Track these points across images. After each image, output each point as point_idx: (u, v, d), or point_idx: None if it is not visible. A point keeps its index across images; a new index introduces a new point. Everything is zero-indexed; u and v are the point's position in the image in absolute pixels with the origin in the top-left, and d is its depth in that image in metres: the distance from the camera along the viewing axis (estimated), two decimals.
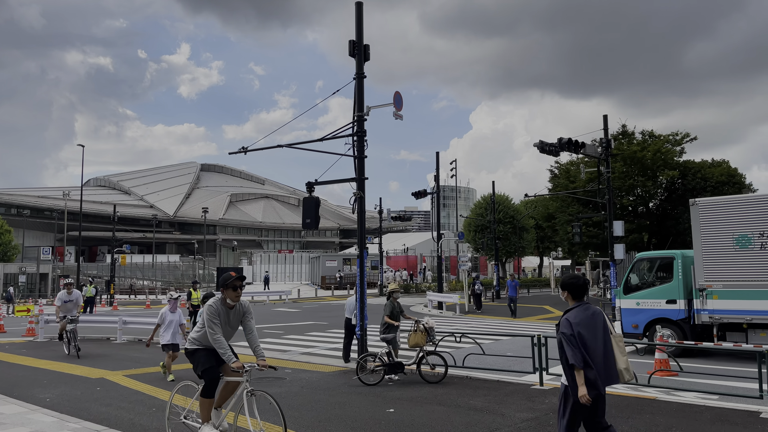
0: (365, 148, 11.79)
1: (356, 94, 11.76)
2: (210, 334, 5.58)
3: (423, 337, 9.79)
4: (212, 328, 5.59)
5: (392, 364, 9.88)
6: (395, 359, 9.99)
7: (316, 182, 12.29)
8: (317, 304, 34.32)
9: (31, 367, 12.02)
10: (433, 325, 9.99)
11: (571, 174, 32.06)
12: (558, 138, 18.20)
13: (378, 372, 9.85)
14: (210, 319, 5.62)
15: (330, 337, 17.27)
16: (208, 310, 5.66)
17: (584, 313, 4.60)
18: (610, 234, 20.37)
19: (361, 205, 11.58)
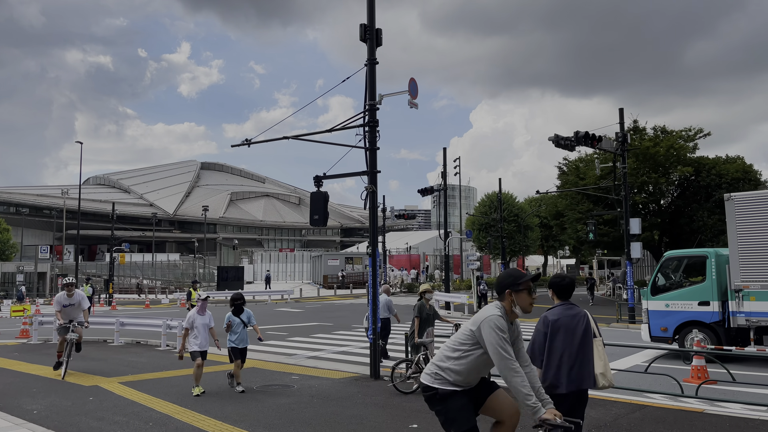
0: (377, 140, 11.01)
1: (368, 82, 10.98)
2: (507, 369, 3.61)
3: None
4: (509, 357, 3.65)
5: None
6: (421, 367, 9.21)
7: (325, 176, 11.52)
8: (320, 304, 33.59)
9: (21, 373, 11.26)
10: None
11: (580, 171, 31.29)
12: (574, 131, 17.43)
13: (415, 379, 9.14)
14: (501, 342, 3.68)
15: (336, 339, 16.52)
16: (494, 325, 3.70)
17: (565, 313, 4.58)
18: (627, 232, 19.61)
19: (373, 199, 10.82)
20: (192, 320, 9.27)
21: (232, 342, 9.42)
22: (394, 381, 9.28)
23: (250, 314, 9.67)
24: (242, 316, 9.50)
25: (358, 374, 11.01)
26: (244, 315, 9.53)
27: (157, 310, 31.30)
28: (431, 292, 10.13)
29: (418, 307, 9.82)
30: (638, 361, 11.91)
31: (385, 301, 12.45)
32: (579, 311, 4.65)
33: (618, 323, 19.62)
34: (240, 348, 9.50)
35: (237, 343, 9.46)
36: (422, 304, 9.91)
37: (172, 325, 15.16)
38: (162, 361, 12.85)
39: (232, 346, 9.44)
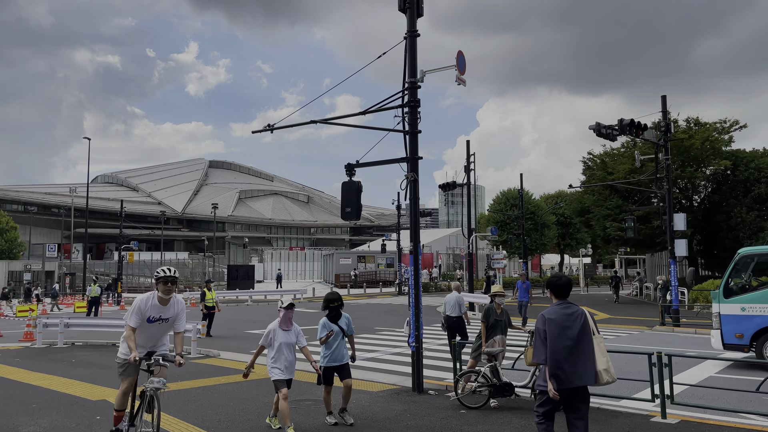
0: (418, 122, 9.78)
1: (407, 57, 9.76)
2: None
3: None
4: None
5: (500, 385, 7.87)
6: (502, 378, 7.99)
7: (358, 164, 10.30)
8: None
9: (21, 384, 10.11)
10: None
11: (607, 166, 29.90)
12: (618, 119, 16.13)
13: (481, 393, 7.98)
14: None
15: (362, 345, 15.29)
16: None
17: (562, 311, 4.78)
18: (670, 228, 18.29)
19: (414, 189, 9.59)
20: (271, 337, 6.69)
21: (326, 359, 7.06)
22: (458, 394, 8.13)
23: (350, 321, 7.35)
24: (341, 322, 7.16)
25: (397, 386, 9.81)
26: (342, 321, 7.17)
27: None
28: (503, 296, 8.85)
29: (486, 311, 8.60)
30: (709, 372, 10.63)
31: (456, 299, 11.81)
32: (576, 310, 4.85)
33: (662, 326, 18.30)
34: (338, 366, 7.03)
35: (333, 360, 7.02)
36: (491, 308, 8.67)
37: (186, 328, 13.97)
38: (176, 368, 11.61)
39: (327, 365, 7.03)
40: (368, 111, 10.37)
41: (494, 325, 8.58)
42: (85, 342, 15.92)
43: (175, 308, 6.05)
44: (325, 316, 7.24)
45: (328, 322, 7.19)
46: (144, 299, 5.91)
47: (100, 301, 24.00)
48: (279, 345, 6.71)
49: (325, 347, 7.15)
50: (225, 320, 20.71)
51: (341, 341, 7.18)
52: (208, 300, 17.50)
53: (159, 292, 5.92)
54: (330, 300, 7.29)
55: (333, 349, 7.11)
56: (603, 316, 22.98)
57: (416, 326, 9.34)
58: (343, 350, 7.17)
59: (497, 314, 8.72)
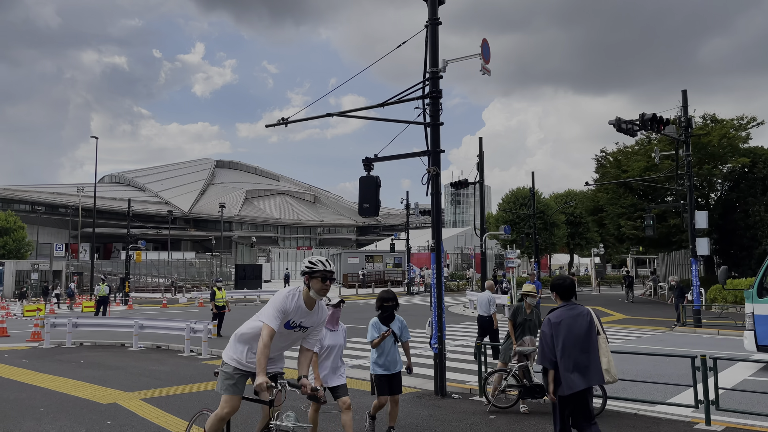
0: (440, 113, 9.38)
1: (428, 46, 9.37)
2: None
3: None
4: None
5: (531, 386, 7.48)
6: (533, 379, 7.59)
7: (377, 158, 9.91)
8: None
9: (29, 386, 9.78)
10: None
11: (622, 164, 29.39)
12: (640, 114, 15.68)
13: (510, 394, 7.65)
14: None
15: None
16: None
17: (568, 313, 4.78)
18: (692, 226, 17.80)
19: (436, 184, 9.19)
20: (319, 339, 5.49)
21: (378, 366, 6.15)
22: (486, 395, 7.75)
23: (405, 324, 6.40)
24: (393, 325, 6.23)
25: (417, 389, 9.40)
26: (395, 324, 6.26)
27: (175, 309, 29.98)
28: (534, 296, 8.44)
29: (514, 310, 8.20)
30: (743, 374, 10.18)
31: (488, 299, 11.64)
32: (582, 310, 4.85)
33: (683, 327, 17.81)
34: (390, 375, 6.14)
35: (387, 367, 6.12)
36: (520, 307, 8.28)
37: (196, 328, 13.66)
38: (188, 370, 11.34)
39: (379, 373, 6.14)
40: (387, 103, 9.98)
41: (522, 324, 8.17)
42: (93, 342, 15.62)
43: (318, 316, 4.49)
44: (377, 316, 6.31)
45: (380, 323, 6.25)
46: (290, 295, 4.32)
47: (109, 301, 23.72)
48: (328, 348, 5.73)
49: (375, 352, 6.16)
50: (234, 320, 20.33)
51: (394, 347, 6.22)
52: (218, 299, 17.16)
53: (312, 291, 4.31)
54: (384, 299, 6.23)
55: (387, 355, 6.12)
56: (619, 317, 22.50)
57: (439, 327, 8.94)
58: (397, 356, 6.23)
59: (526, 314, 8.33)
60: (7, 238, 56.69)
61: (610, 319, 21.41)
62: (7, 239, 56.65)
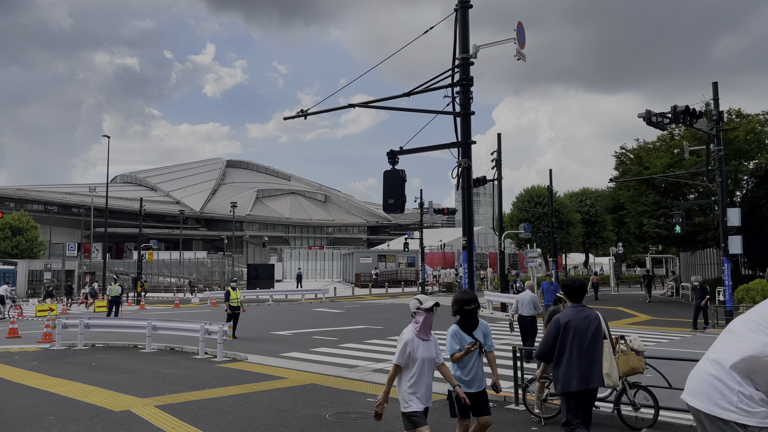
0: (470, 102, 8.82)
1: (458, 31, 8.81)
2: None
3: (640, 360, 6.67)
4: None
5: None
6: None
7: (402, 150, 9.39)
8: (358, 303, 31.51)
9: (38, 391, 9.33)
10: (641, 346, 6.83)
11: (643, 160, 28.59)
12: (672, 106, 14.99)
13: (553, 403, 7.14)
14: None
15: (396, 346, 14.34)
16: None
17: (576, 315, 4.93)
18: (723, 224, 17.08)
19: (468, 177, 8.63)
20: (410, 352, 4.63)
21: (460, 383, 5.03)
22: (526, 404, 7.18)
23: (488, 330, 5.25)
24: (477, 333, 5.08)
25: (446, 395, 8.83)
26: (479, 332, 5.09)
27: (188, 310, 29.63)
28: None
29: (550, 314, 7.63)
30: None
31: (531, 298, 11.44)
32: (590, 313, 4.95)
33: (714, 329, 17.09)
34: (475, 393, 5.04)
35: (471, 384, 5.05)
36: (557, 312, 7.71)
37: (211, 330, 13.17)
38: (203, 374, 10.85)
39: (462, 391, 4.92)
40: (413, 92, 9.44)
41: None
42: (106, 344, 15.21)
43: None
44: (456, 323, 5.12)
45: (461, 331, 5.06)
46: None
47: (121, 301, 23.36)
48: (420, 362, 4.62)
49: (455, 366, 5.07)
50: (248, 321, 19.91)
51: (479, 359, 5.09)
52: (233, 300, 16.68)
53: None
54: (464, 300, 5.04)
55: (469, 370, 5.03)
56: (644, 318, 21.77)
57: None
58: (481, 372, 5.11)
59: None
60: (20, 238, 56.86)
61: (635, 321, 20.69)
62: (20, 239, 56.82)
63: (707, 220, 25.83)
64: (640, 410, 6.78)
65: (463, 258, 8.80)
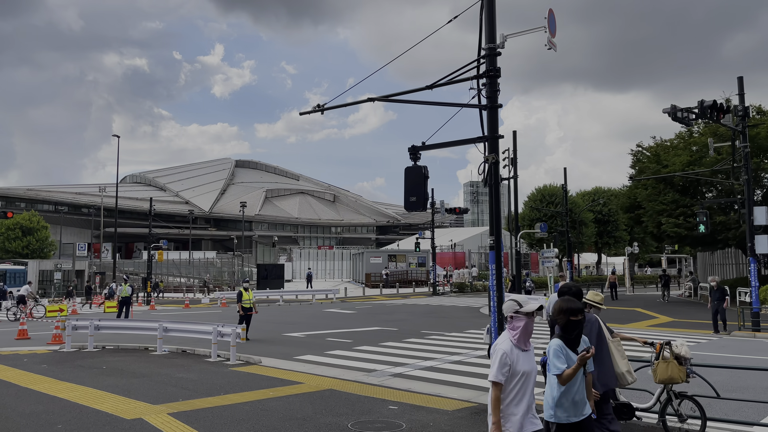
0: (498, 94, 8.37)
1: (484, 19, 8.37)
2: None
3: (680, 371, 6.18)
4: None
5: (617, 405, 6.39)
6: (619, 397, 6.46)
7: (424, 146, 8.95)
8: (370, 304, 31.12)
9: (47, 396, 9.00)
10: (688, 353, 6.34)
11: (661, 158, 27.97)
12: (698, 101, 14.48)
13: None
14: None
15: (413, 350, 13.94)
16: None
17: None
18: (750, 223, 16.51)
19: (495, 174, 8.18)
20: (510, 362, 3.79)
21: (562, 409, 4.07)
22: None
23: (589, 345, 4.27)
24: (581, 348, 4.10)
25: (473, 403, 8.43)
26: (582, 346, 4.16)
27: (198, 310, 29.37)
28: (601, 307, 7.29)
29: None
30: None
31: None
32: (589, 317, 5.17)
33: (739, 331, 16.53)
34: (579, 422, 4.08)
35: (575, 410, 4.09)
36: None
37: (224, 332, 12.81)
38: (216, 378, 10.49)
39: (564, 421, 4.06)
40: (436, 84, 9.00)
41: None
42: (116, 345, 14.90)
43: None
44: (558, 336, 4.12)
45: (566, 347, 4.07)
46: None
47: (131, 302, 23.09)
48: (521, 378, 3.79)
49: (557, 389, 4.05)
50: (259, 322, 19.57)
51: (583, 380, 4.15)
52: (245, 301, 16.33)
53: None
54: (571, 310, 4.07)
55: (574, 393, 4.06)
56: (665, 320, 21.21)
57: (499, 334, 7.91)
58: (584, 395, 4.17)
59: None
60: (31, 238, 56.98)
61: (655, 323, 20.13)
62: (30, 239, 56.94)
63: (728, 219, 25.21)
64: (687, 422, 6.31)
65: (491, 258, 8.35)
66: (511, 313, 3.91)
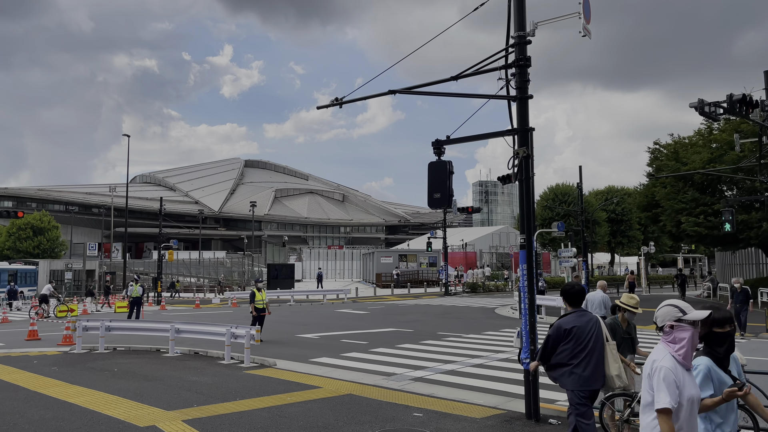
0: (528, 84, 7.94)
1: (513, 6, 7.95)
2: None
3: None
4: None
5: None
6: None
7: (449, 140, 8.56)
8: (382, 304, 30.71)
9: (57, 401, 8.67)
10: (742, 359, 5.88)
11: (680, 156, 27.36)
12: (727, 94, 13.94)
13: (632, 425, 6.18)
14: None
15: (432, 352, 13.52)
16: None
17: (579, 320, 5.20)
18: None
19: (526, 169, 7.75)
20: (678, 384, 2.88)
21: None
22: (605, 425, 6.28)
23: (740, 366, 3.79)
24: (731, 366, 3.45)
25: (501, 410, 7.99)
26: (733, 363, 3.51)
27: (209, 310, 29.10)
28: (636, 311, 6.84)
29: (611, 327, 6.60)
30: None
31: (602, 298, 10.80)
32: (591, 317, 5.31)
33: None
34: None
35: None
36: (616, 322, 6.78)
37: (238, 333, 12.47)
38: (231, 381, 10.12)
39: None
40: (461, 75, 8.58)
41: (620, 344, 6.61)
42: (127, 347, 14.60)
43: None
44: (706, 354, 3.35)
45: (716, 368, 3.31)
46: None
47: (142, 302, 22.83)
48: (689, 404, 2.95)
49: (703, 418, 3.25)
50: (272, 323, 19.19)
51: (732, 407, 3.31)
52: (258, 301, 15.98)
53: None
54: (716, 321, 3.28)
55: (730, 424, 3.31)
56: None
57: (531, 338, 7.48)
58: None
59: (622, 331, 6.88)
60: (42, 238, 57.11)
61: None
62: (41, 239, 57.07)
63: (750, 217, 24.57)
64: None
65: (521, 258, 7.92)
66: (671, 322, 3.07)
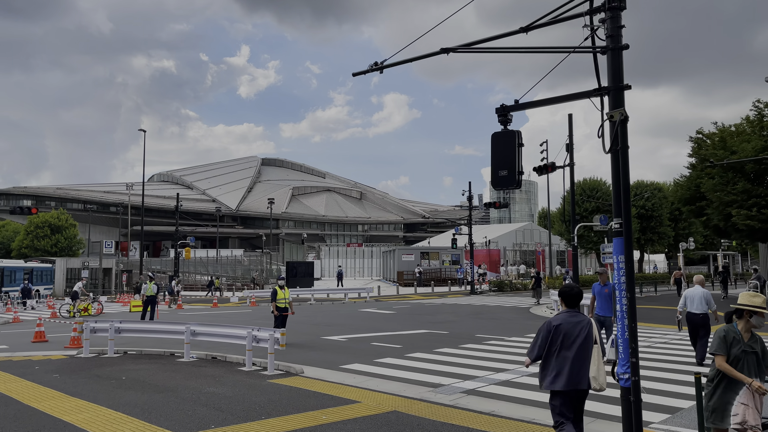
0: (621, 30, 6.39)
1: None
2: None
3: None
4: None
5: None
6: None
7: (517, 104, 7.03)
8: (407, 303, 29.23)
9: (51, 418, 7.33)
10: None
11: (728, 144, 25.46)
12: None
13: None
14: None
15: (475, 357, 11.98)
16: None
17: (568, 319, 5.26)
18: None
19: (623, 136, 6.20)
20: None
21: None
22: None
23: None
24: None
25: None
26: None
27: (227, 309, 27.89)
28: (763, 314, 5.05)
29: (723, 336, 4.98)
30: None
31: (702, 294, 10.49)
32: (583, 319, 5.36)
33: None
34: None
35: None
36: (731, 331, 5.01)
37: (260, 337, 11.08)
38: (254, 394, 8.73)
39: None
40: (532, 26, 7.04)
41: (739, 359, 4.91)
42: (139, 351, 13.31)
43: None
44: None
45: None
46: None
47: (157, 301, 21.62)
48: None
49: None
50: (294, 323, 17.83)
51: None
52: (280, 300, 14.60)
53: None
54: None
55: None
56: None
57: (632, 349, 5.92)
58: None
59: (743, 343, 5.00)
60: (59, 236, 56.68)
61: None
62: (59, 237, 56.64)
63: None
64: None
65: (615, 248, 6.34)
66: None
